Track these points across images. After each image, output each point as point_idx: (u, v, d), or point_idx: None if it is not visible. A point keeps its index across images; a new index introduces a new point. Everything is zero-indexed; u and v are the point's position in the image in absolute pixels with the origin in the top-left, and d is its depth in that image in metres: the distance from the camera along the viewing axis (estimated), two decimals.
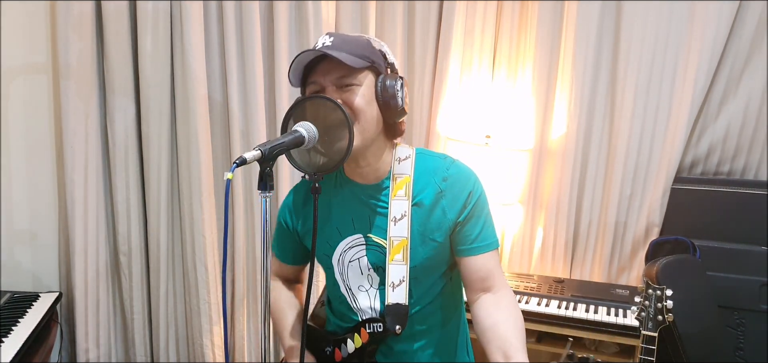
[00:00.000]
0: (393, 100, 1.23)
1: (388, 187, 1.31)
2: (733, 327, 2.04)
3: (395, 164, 1.31)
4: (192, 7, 2.18)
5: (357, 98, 1.21)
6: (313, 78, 1.23)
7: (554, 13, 2.37)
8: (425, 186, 1.31)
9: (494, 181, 2.33)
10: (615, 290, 2.27)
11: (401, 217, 1.29)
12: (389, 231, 1.29)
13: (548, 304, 2.16)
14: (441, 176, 1.31)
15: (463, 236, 1.30)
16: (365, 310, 1.35)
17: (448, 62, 2.41)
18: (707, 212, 2.20)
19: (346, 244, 1.34)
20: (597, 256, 2.46)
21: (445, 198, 1.30)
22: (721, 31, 2.17)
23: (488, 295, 1.31)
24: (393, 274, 1.29)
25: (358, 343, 1.34)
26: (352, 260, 1.35)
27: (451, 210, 1.29)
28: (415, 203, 1.30)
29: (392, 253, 1.29)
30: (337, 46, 1.21)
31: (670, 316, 1.62)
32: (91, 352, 2.37)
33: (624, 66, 2.30)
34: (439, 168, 1.32)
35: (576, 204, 2.43)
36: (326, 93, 1.21)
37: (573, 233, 2.46)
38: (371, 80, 1.24)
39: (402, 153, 1.33)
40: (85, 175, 2.26)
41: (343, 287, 1.37)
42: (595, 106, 2.37)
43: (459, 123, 2.51)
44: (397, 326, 1.29)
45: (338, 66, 1.19)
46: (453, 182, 1.30)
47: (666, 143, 2.29)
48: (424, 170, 1.32)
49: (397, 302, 1.29)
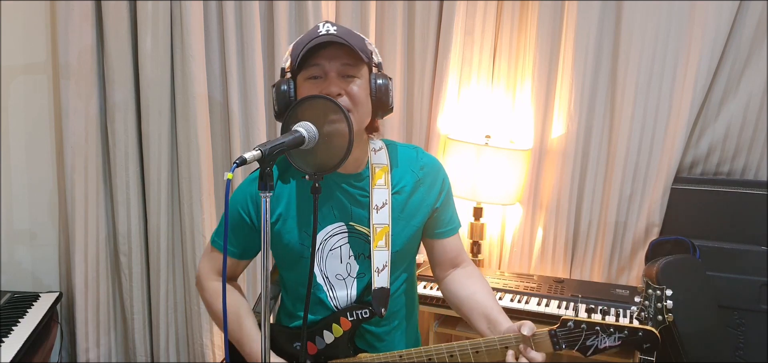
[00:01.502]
0: (385, 97, 1.30)
1: (368, 176, 1.35)
2: (733, 327, 2.04)
3: (371, 154, 1.37)
4: (192, 7, 2.18)
5: (355, 88, 1.25)
6: (316, 60, 1.24)
7: (554, 13, 2.37)
8: (403, 174, 1.38)
9: (494, 181, 2.33)
10: (615, 290, 2.26)
11: (383, 205, 1.35)
12: (372, 218, 1.34)
13: (548, 304, 2.16)
14: (418, 165, 1.40)
15: (439, 220, 1.43)
16: (342, 300, 1.38)
17: (448, 62, 2.41)
18: (707, 212, 2.20)
19: (326, 232, 1.36)
20: (597, 256, 2.45)
21: (423, 185, 1.39)
22: (721, 31, 2.17)
23: (458, 269, 1.47)
24: (377, 260, 1.34)
25: (337, 333, 1.37)
26: (333, 248, 1.37)
27: (429, 196, 1.40)
28: (396, 191, 1.36)
29: (376, 239, 1.34)
30: (343, 35, 1.24)
31: (670, 316, 1.62)
32: (91, 352, 2.37)
33: (624, 66, 2.30)
34: (413, 157, 1.41)
35: (576, 204, 2.43)
36: (328, 78, 1.24)
37: (573, 233, 2.46)
38: (366, 74, 1.29)
39: (375, 144, 1.39)
40: (85, 174, 2.26)
41: (321, 277, 1.38)
42: (595, 106, 2.37)
43: (459, 123, 2.51)
44: (382, 309, 1.35)
45: (344, 54, 1.23)
46: (428, 171, 1.41)
47: (666, 143, 2.29)
48: (398, 159, 1.40)
49: (381, 286, 1.35)
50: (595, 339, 1.24)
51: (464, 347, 1.29)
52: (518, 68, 2.50)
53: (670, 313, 1.62)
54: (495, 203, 2.42)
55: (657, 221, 2.31)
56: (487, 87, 2.53)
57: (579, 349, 1.25)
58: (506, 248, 2.59)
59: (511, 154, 2.37)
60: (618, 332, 1.25)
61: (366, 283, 1.37)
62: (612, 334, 1.24)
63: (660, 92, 2.28)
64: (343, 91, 1.24)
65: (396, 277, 1.40)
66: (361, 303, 1.38)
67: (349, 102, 1.24)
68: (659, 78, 2.27)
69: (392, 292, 1.38)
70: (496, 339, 1.27)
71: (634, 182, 2.34)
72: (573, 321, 1.25)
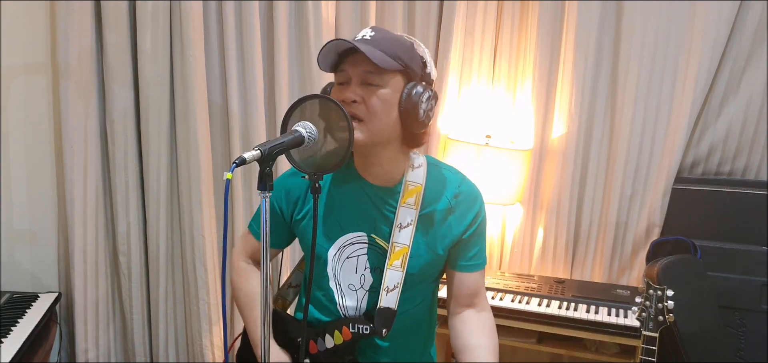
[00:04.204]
0: (414, 109, 1.22)
1: (400, 192, 1.31)
2: (733, 327, 2.04)
3: (409, 171, 1.32)
4: (192, 7, 2.18)
5: (374, 98, 1.20)
6: (343, 66, 1.23)
7: (554, 13, 2.37)
8: (436, 198, 1.33)
9: (494, 181, 2.33)
10: (616, 291, 2.26)
11: (407, 224, 1.30)
12: (393, 236, 1.30)
13: (549, 304, 2.16)
14: (453, 192, 1.34)
15: (463, 252, 1.36)
16: (349, 309, 1.36)
17: (448, 62, 2.41)
18: (708, 212, 2.20)
19: (346, 239, 1.34)
20: (597, 257, 2.45)
21: (453, 214, 1.33)
22: (721, 31, 2.17)
23: (472, 310, 1.39)
24: (389, 279, 1.31)
25: (338, 340, 1.35)
26: (350, 256, 1.35)
27: (458, 226, 1.33)
28: (424, 214, 1.31)
29: (392, 258, 1.30)
30: (375, 41, 1.20)
31: (671, 317, 1.62)
32: (90, 353, 2.37)
33: (624, 66, 2.29)
34: (451, 182, 1.35)
35: (576, 204, 2.43)
36: (352, 84, 1.21)
37: (573, 233, 2.46)
38: (399, 84, 1.23)
39: (416, 161, 1.33)
40: (84, 175, 2.26)
41: (333, 281, 1.36)
42: (596, 106, 2.36)
43: (459, 123, 2.51)
44: (384, 329, 1.31)
45: (368, 61, 1.18)
46: (463, 199, 1.34)
47: (666, 143, 2.29)
48: (436, 181, 1.34)
49: (388, 306, 1.31)
50: None
51: None
52: (518, 68, 2.50)
53: (670, 313, 1.62)
54: (495, 203, 2.41)
55: (658, 221, 2.31)
56: (487, 87, 2.53)
57: None
58: (507, 248, 2.59)
59: (512, 154, 2.37)
60: None
61: (375, 301, 1.33)
62: None
63: (660, 92, 2.28)
64: (358, 99, 1.20)
65: (407, 300, 1.35)
66: (366, 318, 1.34)
67: (365, 110, 1.20)
68: (660, 78, 2.27)
69: (401, 313, 1.33)
70: None
71: (635, 182, 2.34)
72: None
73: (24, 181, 2.27)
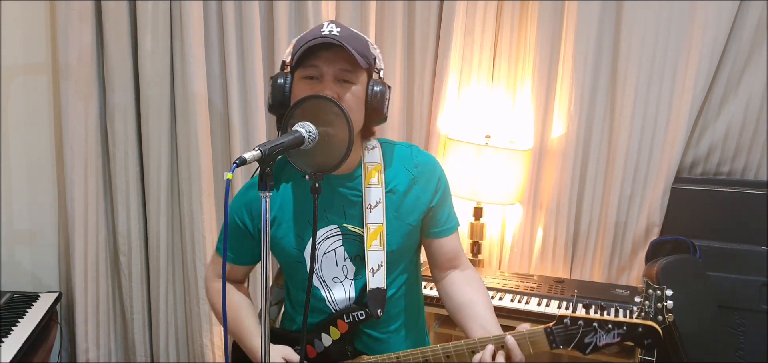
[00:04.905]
0: (380, 105, 1.27)
1: (361, 175, 1.34)
2: (733, 327, 2.04)
3: (364, 153, 1.35)
4: (192, 7, 2.18)
5: (348, 94, 1.23)
6: (314, 61, 1.23)
7: (554, 13, 2.37)
8: (397, 173, 1.36)
9: (494, 181, 2.33)
10: (615, 290, 2.26)
11: (376, 204, 1.33)
12: (365, 218, 1.32)
13: (548, 304, 2.16)
14: (412, 163, 1.38)
15: (435, 219, 1.40)
16: (340, 302, 1.36)
17: (448, 62, 2.41)
18: (707, 212, 2.20)
19: (319, 235, 1.34)
20: (597, 257, 2.45)
21: (418, 183, 1.37)
22: (721, 31, 2.17)
23: (456, 271, 1.44)
24: (372, 260, 1.32)
25: (335, 335, 1.36)
26: (327, 251, 1.35)
27: (425, 194, 1.37)
28: (390, 190, 1.34)
29: (369, 239, 1.32)
30: (346, 38, 1.22)
31: (671, 317, 1.62)
32: (90, 352, 2.37)
33: (624, 66, 2.29)
34: (407, 155, 1.39)
35: (576, 204, 2.43)
36: (324, 81, 1.22)
37: (573, 233, 2.46)
38: (365, 81, 1.27)
39: (368, 143, 1.37)
40: (84, 175, 2.26)
41: (317, 280, 1.37)
42: (595, 106, 2.36)
43: (459, 123, 2.51)
44: (379, 310, 1.32)
45: (343, 58, 1.21)
46: (424, 168, 1.38)
47: (666, 143, 2.29)
48: (392, 158, 1.37)
49: (377, 286, 1.32)
50: (593, 336, 1.21)
51: (460, 347, 1.27)
52: (518, 68, 2.50)
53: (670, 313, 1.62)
54: (495, 203, 2.42)
55: (657, 221, 2.31)
56: (487, 87, 2.53)
57: (576, 347, 1.22)
58: (506, 248, 2.59)
59: (511, 154, 2.37)
60: (617, 328, 1.20)
61: (363, 285, 1.35)
62: (610, 330, 1.21)
63: (660, 92, 2.28)
64: (336, 96, 1.21)
65: (394, 279, 1.38)
66: (358, 305, 1.35)
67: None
68: (659, 78, 2.27)
69: (390, 294, 1.36)
70: (491, 338, 1.25)
71: (635, 182, 2.34)
72: (570, 318, 1.22)
73: (24, 181, 2.28)
